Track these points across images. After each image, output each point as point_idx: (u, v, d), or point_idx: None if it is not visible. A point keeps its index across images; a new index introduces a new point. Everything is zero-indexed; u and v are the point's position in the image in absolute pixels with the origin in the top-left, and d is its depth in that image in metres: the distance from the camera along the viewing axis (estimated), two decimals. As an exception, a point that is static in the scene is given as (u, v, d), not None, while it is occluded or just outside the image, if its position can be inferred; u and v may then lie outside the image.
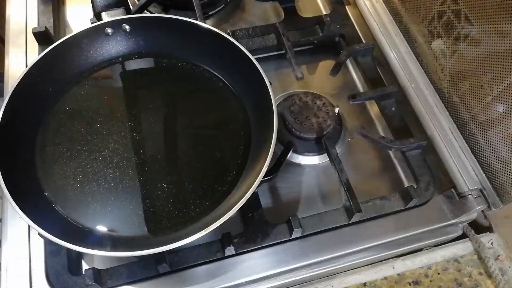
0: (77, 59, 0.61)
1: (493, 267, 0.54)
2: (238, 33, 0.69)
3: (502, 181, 0.55)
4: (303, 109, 0.62)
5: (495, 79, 0.54)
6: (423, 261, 0.56)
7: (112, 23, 0.61)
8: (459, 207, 0.57)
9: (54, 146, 0.57)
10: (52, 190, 0.54)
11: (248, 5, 0.78)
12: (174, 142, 0.59)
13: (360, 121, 0.67)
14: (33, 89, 0.56)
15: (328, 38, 0.72)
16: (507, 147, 0.54)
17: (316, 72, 0.73)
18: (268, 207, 0.58)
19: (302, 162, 0.62)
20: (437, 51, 0.63)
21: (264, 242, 0.53)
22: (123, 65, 0.64)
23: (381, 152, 0.64)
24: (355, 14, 0.76)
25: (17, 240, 0.54)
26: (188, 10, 0.71)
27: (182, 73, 0.64)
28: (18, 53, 0.69)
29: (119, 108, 0.61)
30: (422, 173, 0.59)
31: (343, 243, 0.55)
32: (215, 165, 0.57)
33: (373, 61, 0.69)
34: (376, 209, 0.56)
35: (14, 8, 0.73)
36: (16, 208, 0.46)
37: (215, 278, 0.52)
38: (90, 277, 0.48)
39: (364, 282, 0.55)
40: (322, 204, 0.59)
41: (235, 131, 0.59)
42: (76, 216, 0.52)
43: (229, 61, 0.61)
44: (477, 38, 0.55)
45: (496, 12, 0.51)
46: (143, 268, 0.51)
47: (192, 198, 0.54)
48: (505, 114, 0.53)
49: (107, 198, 0.54)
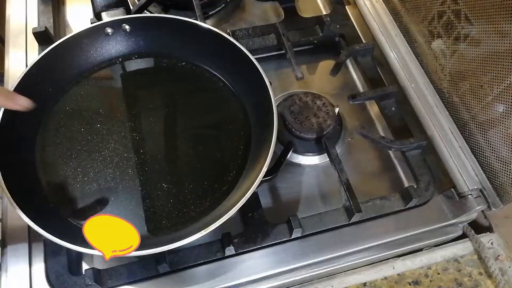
0: (77, 59, 0.62)
1: (493, 267, 0.54)
2: (238, 33, 0.69)
3: (502, 181, 0.55)
4: (303, 109, 0.62)
5: (495, 79, 0.54)
6: (423, 261, 0.56)
7: (112, 23, 0.61)
8: (459, 207, 0.57)
9: (54, 146, 0.57)
10: (52, 189, 0.54)
11: (248, 5, 0.78)
12: (174, 142, 0.59)
13: (360, 121, 0.67)
14: (33, 89, 0.56)
15: (328, 38, 0.72)
16: (507, 147, 0.54)
17: (316, 72, 0.73)
18: (268, 207, 0.58)
19: (302, 162, 0.62)
20: (437, 51, 0.63)
21: (264, 242, 0.53)
22: (123, 65, 0.65)
23: (381, 152, 0.64)
24: (355, 14, 0.76)
25: (17, 240, 0.54)
26: (188, 10, 0.71)
27: (182, 73, 0.64)
28: (18, 53, 0.69)
29: (119, 108, 0.61)
30: (422, 173, 0.59)
31: (343, 243, 0.55)
32: (215, 165, 0.57)
33: (373, 61, 0.69)
34: (376, 209, 0.56)
35: (14, 8, 0.73)
36: (16, 208, 0.46)
37: (215, 278, 0.52)
38: (90, 277, 0.48)
39: (364, 282, 0.55)
40: (322, 204, 0.59)
41: (235, 131, 0.59)
42: (76, 216, 0.52)
43: (229, 61, 0.61)
44: (477, 38, 0.55)
45: (496, 12, 0.51)
46: (143, 268, 0.51)
47: (192, 198, 0.54)
48: (505, 114, 0.53)
49: (107, 198, 0.54)
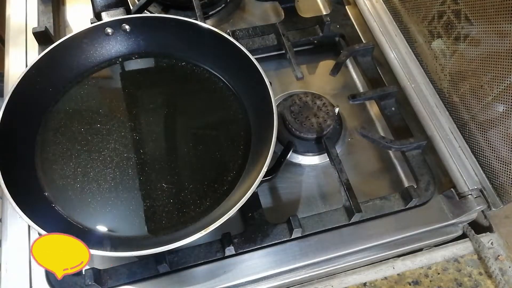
0: (77, 59, 0.62)
1: (493, 267, 0.54)
2: (238, 33, 0.69)
3: (502, 181, 0.55)
4: (303, 109, 0.62)
5: (495, 79, 0.54)
6: (423, 261, 0.56)
7: (112, 23, 0.62)
8: (459, 207, 0.57)
9: (54, 146, 0.57)
10: (52, 190, 0.54)
11: (248, 5, 0.78)
12: (174, 142, 0.59)
13: (360, 121, 0.67)
14: (33, 89, 0.56)
15: (328, 38, 0.72)
16: (507, 147, 0.54)
17: (316, 72, 0.73)
18: (268, 207, 0.58)
19: (302, 162, 0.62)
20: (437, 51, 0.63)
21: (264, 242, 0.53)
22: (123, 65, 0.65)
23: (381, 152, 0.64)
24: (355, 14, 0.76)
25: (17, 240, 0.54)
26: (188, 10, 0.71)
27: (182, 73, 0.64)
28: (18, 53, 0.69)
29: (119, 108, 0.61)
30: (422, 173, 0.59)
31: (343, 243, 0.55)
32: (215, 165, 0.57)
33: (373, 61, 0.69)
34: (376, 209, 0.56)
35: (14, 8, 0.73)
36: (16, 208, 0.46)
37: (215, 278, 0.52)
38: (90, 277, 0.48)
39: (364, 282, 0.55)
40: (322, 204, 0.59)
41: (235, 131, 0.59)
42: (76, 216, 0.52)
43: (229, 61, 0.61)
44: (477, 38, 0.55)
45: (496, 12, 0.51)
46: (143, 268, 0.51)
47: (192, 198, 0.54)
48: (505, 114, 0.53)
49: (107, 198, 0.54)
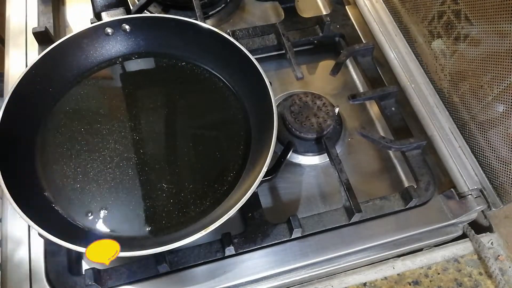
0: (77, 59, 0.62)
1: (493, 267, 0.54)
2: (238, 33, 0.69)
3: (502, 181, 0.55)
4: (303, 109, 0.62)
5: (495, 79, 0.54)
6: (423, 261, 0.56)
7: (112, 23, 0.62)
8: (459, 207, 0.57)
9: (54, 146, 0.57)
10: (52, 190, 0.54)
11: (248, 5, 0.78)
12: (174, 142, 0.59)
13: (360, 121, 0.67)
14: (33, 89, 0.56)
15: (328, 38, 0.72)
16: (507, 147, 0.54)
17: (316, 72, 0.73)
18: (268, 207, 0.58)
19: (302, 162, 0.62)
20: (437, 51, 0.63)
21: (264, 242, 0.53)
22: (123, 65, 0.65)
23: (381, 152, 0.64)
24: (355, 14, 0.76)
25: (17, 240, 0.54)
26: (188, 10, 0.71)
27: (182, 73, 0.64)
28: (18, 53, 0.69)
29: (119, 108, 0.61)
30: (422, 173, 0.59)
31: (343, 243, 0.55)
32: (215, 165, 0.57)
33: (373, 61, 0.69)
34: (376, 209, 0.56)
35: (14, 8, 0.73)
36: (16, 208, 0.46)
37: (215, 278, 0.52)
38: (90, 277, 0.48)
39: (364, 282, 0.55)
40: (322, 204, 0.59)
41: (235, 131, 0.59)
42: (76, 216, 0.52)
43: (229, 61, 0.61)
44: (477, 38, 0.55)
45: (496, 12, 0.51)
46: (143, 268, 0.51)
47: (192, 198, 0.54)
48: (505, 114, 0.53)
49: (107, 198, 0.54)
